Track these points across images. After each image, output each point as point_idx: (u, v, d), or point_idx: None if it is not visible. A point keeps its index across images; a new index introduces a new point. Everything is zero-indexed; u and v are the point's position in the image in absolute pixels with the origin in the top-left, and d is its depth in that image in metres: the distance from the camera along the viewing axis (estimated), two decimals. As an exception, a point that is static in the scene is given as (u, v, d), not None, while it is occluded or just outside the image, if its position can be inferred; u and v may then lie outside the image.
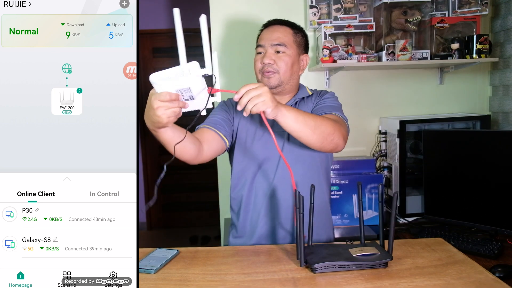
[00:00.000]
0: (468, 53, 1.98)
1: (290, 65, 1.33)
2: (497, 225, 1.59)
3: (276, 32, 1.33)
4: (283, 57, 1.32)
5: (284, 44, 1.32)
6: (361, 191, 1.11)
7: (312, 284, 0.95)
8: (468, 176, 1.68)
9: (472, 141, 1.69)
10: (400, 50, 1.93)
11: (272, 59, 1.31)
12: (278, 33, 1.33)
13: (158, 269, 1.04)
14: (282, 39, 1.32)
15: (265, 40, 1.33)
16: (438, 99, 2.24)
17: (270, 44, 1.32)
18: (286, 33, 1.34)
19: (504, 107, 2.10)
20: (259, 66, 1.33)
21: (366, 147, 2.25)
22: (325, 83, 2.19)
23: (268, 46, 1.32)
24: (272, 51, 1.32)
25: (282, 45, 1.32)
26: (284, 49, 1.32)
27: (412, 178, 1.99)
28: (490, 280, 0.94)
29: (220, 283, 0.96)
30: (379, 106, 2.23)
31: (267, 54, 1.32)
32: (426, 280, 0.95)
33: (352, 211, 1.95)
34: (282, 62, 1.31)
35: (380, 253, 1.04)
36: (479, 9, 1.99)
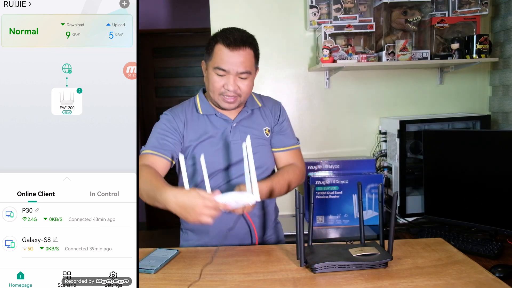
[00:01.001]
0: (468, 53, 1.98)
1: (251, 86, 1.30)
2: (497, 225, 1.59)
3: (240, 57, 1.23)
4: (247, 82, 1.27)
5: (249, 71, 1.26)
6: (361, 191, 1.11)
7: (312, 284, 0.95)
8: (468, 176, 1.68)
9: (472, 141, 1.69)
10: (400, 50, 1.93)
11: (237, 85, 1.25)
12: (242, 58, 1.23)
13: (158, 269, 1.04)
14: (248, 66, 1.25)
15: (230, 66, 1.23)
16: (438, 99, 2.24)
17: (236, 72, 1.24)
18: (250, 57, 1.26)
19: (504, 107, 2.10)
20: (220, 88, 1.26)
21: (366, 147, 2.25)
22: (325, 83, 2.19)
23: (233, 73, 1.24)
24: (236, 77, 1.25)
25: (247, 73, 1.25)
26: (248, 76, 1.26)
27: (412, 178, 1.99)
28: (490, 280, 0.94)
29: (220, 283, 0.96)
30: (379, 106, 2.23)
31: (231, 81, 1.24)
32: (426, 280, 0.95)
33: (352, 211, 1.95)
34: (246, 87, 1.27)
35: (380, 253, 1.04)
36: (479, 9, 1.99)
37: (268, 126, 1.38)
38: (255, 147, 1.27)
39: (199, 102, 1.36)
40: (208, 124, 1.33)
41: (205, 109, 1.34)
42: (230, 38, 1.23)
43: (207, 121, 1.33)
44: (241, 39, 1.24)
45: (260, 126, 1.37)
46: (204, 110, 1.34)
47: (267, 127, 1.38)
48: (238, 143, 1.30)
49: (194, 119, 1.33)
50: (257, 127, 1.36)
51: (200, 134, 1.31)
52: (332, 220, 1.96)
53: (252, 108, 1.37)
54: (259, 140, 1.35)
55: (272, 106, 1.42)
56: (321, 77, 2.20)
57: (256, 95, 1.43)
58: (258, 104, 1.39)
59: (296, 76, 2.20)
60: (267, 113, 1.40)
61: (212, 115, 1.33)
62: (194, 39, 3.79)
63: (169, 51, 3.81)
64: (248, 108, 1.36)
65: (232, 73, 1.24)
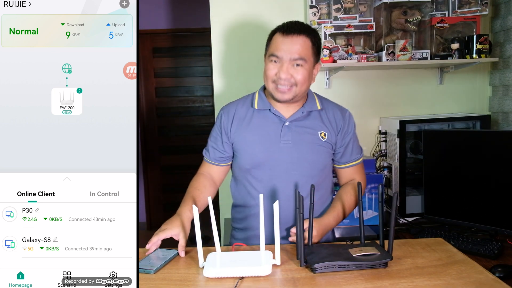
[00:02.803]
0: (468, 53, 1.98)
1: (307, 78, 1.26)
2: (497, 225, 1.59)
3: (296, 44, 1.21)
4: (301, 71, 1.23)
5: (304, 58, 1.22)
6: (361, 191, 1.11)
7: (312, 284, 0.95)
8: (468, 176, 1.68)
9: (472, 141, 1.69)
10: (400, 50, 1.93)
11: (290, 73, 1.22)
12: (298, 46, 1.21)
13: (158, 269, 1.04)
14: (302, 53, 1.22)
15: (284, 52, 1.21)
16: (438, 99, 2.24)
17: (289, 58, 1.22)
18: (306, 45, 1.23)
19: (504, 107, 2.10)
20: (273, 76, 1.24)
21: (366, 147, 2.24)
22: (325, 83, 2.19)
23: (287, 59, 1.22)
24: (290, 65, 1.22)
25: (302, 59, 1.22)
26: (303, 63, 1.22)
27: (412, 178, 1.99)
28: (490, 280, 0.94)
29: (220, 283, 0.96)
30: (379, 106, 2.23)
31: (285, 67, 1.22)
32: (426, 280, 0.95)
33: (352, 211, 1.95)
34: (300, 76, 1.23)
35: (380, 253, 1.04)
36: (479, 9, 1.99)
37: (325, 131, 1.32)
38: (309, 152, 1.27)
39: (257, 97, 1.35)
40: (260, 119, 1.31)
41: (260, 104, 1.32)
42: (285, 25, 1.25)
43: (260, 117, 1.31)
44: (297, 27, 1.24)
45: (315, 130, 1.31)
46: (260, 105, 1.32)
47: (323, 131, 1.31)
48: (288, 143, 1.28)
49: (248, 114, 1.33)
50: (311, 131, 1.30)
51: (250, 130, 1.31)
52: (332, 220, 1.95)
53: (310, 109, 1.32)
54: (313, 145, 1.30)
55: (335, 113, 1.35)
56: (321, 77, 2.20)
57: (319, 97, 1.37)
58: (317, 106, 1.33)
59: (296, 76, 2.19)
60: (328, 119, 1.33)
61: (266, 110, 1.31)
62: (194, 39, 3.79)
63: (169, 51, 3.80)
64: (305, 108, 1.31)
65: (285, 59, 1.22)
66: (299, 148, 1.28)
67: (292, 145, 1.28)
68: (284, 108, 1.31)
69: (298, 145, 1.29)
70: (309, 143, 1.29)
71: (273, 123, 1.30)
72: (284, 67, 1.22)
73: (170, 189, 3.95)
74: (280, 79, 1.23)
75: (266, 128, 1.30)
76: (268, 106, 1.31)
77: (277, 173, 1.29)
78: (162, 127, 3.89)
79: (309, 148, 1.29)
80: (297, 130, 1.30)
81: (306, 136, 1.30)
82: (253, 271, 0.98)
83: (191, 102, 3.86)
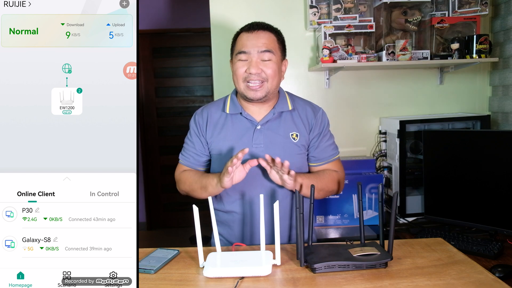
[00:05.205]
0: (468, 53, 1.98)
1: (277, 72, 1.26)
2: (497, 225, 1.59)
3: (261, 38, 1.23)
4: (270, 65, 1.23)
5: (271, 50, 1.23)
6: (361, 191, 1.11)
7: (312, 284, 0.95)
8: (468, 176, 1.68)
9: (472, 141, 1.69)
10: (400, 50, 1.93)
11: (259, 67, 1.22)
12: (263, 39, 1.23)
13: (158, 269, 1.04)
14: (269, 45, 1.23)
15: (250, 47, 1.22)
16: (438, 99, 2.24)
17: (256, 51, 1.22)
18: (272, 39, 1.25)
19: (504, 107, 2.10)
20: (243, 74, 1.24)
21: (366, 147, 2.25)
22: (325, 83, 2.19)
23: (255, 54, 1.22)
24: (258, 59, 1.23)
25: (269, 52, 1.23)
26: (271, 56, 1.23)
27: (412, 178, 1.99)
28: (490, 280, 0.94)
29: (220, 283, 0.96)
30: (379, 106, 2.23)
31: (254, 62, 1.22)
32: (426, 280, 0.95)
33: (352, 211, 1.95)
34: (270, 70, 1.23)
35: (380, 253, 1.04)
36: (479, 9, 1.99)
37: (297, 132, 1.31)
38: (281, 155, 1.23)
39: (229, 101, 1.34)
40: (232, 124, 1.31)
41: (232, 109, 1.32)
42: (249, 24, 1.28)
43: (232, 121, 1.31)
44: (261, 24, 1.27)
45: (286, 132, 1.30)
46: (231, 109, 1.32)
47: (294, 132, 1.31)
48: (260, 147, 1.27)
49: (220, 119, 1.32)
50: (283, 134, 1.30)
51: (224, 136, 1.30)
52: (332, 220, 1.96)
53: (281, 110, 1.31)
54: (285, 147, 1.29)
55: (307, 111, 1.34)
56: (321, 77, 2.20)
57: (291, 96, 1.37)
58: (289, 106, 1.32)
59: (296, 76, 2.20)
60: (300, 118, 1.33)
61: (237, 114, 1.31)
62: (194, 39, 3.79)
63: (169, 51, 3.80)
64: (275, 110, 1.30)
65: (253, 53, 1.23)
66: (271, 151, 1.24)
67: (264, 148, 1.27)
68: (256, 110, 1.31)
69: (270, 148, 1.27)
70: (281, 145, 1.28)
71: (245, 127, 1.30)
72: (253, 62, 1.23)
73: (170, 189, 3.95)
74: (250, 75, 1.23)
75: (239, 133, 1.30)
76: (240, 109, 1.31)
77: (251, 177, 1.26)
78: (162, 127, 3.89)
79: (281, 151, 1.27)
80: (268, 133, 1.29)
81: (277, 139, 1.29)
82: (253, 271, 0.98)
83: (191, 102, 3.87)
